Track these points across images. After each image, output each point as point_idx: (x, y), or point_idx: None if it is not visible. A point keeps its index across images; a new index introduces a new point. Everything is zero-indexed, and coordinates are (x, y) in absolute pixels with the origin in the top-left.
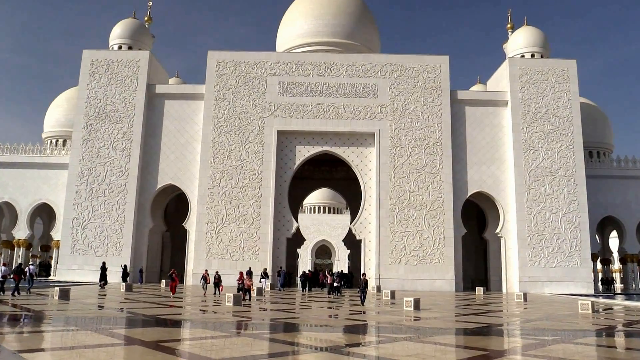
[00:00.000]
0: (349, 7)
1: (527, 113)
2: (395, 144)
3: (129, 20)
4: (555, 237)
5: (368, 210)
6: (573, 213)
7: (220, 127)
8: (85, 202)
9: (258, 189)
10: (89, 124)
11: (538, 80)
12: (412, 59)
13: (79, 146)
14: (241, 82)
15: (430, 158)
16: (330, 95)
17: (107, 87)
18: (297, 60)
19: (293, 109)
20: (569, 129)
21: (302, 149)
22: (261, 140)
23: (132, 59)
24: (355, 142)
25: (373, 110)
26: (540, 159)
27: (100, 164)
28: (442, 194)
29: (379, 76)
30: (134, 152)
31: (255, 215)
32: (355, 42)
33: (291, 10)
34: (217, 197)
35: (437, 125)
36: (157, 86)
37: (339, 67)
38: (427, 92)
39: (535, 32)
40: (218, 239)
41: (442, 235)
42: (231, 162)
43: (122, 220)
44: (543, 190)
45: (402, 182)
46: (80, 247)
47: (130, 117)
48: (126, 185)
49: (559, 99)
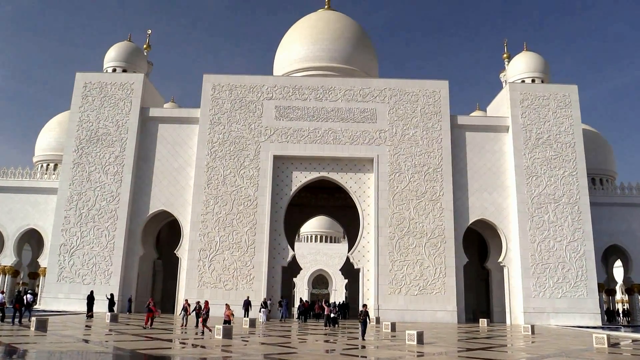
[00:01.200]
0: (346, 32)
1: (528, 139)
2: (394, 169)
3: (124, 43)
4: (560, 267)
5: (366, 238)
6: (578, 241)
7: (215, 151)
8: (73, 228)
9: (253, 215)
10: (80, 147)
11: (539, 106)
12: (411, 83)
13: (69, 170)
14: (237, 106)
15: (430, 184)
16: (328, 120)
17: (99, 110)
18: (294, 84)
19: (290, 133)
20: (571, 155)
21: (299, 174)
22: (257, 166)
23: (126, 81)
24: (354, 168)
25: (371, 135)
26: (543, 185)
27: (90, 189)
28: (442, 221)
29: (377, 101)
30: (126, 176)
31: (250, 242)
32: (353, 67)
33: (288, 35)
34: (210, 224)
35: (437, 150)
36: (151, 109)
37: (336, 92)
38: (427, 117)
39: (535, 57)
40: (211, 267)
41: (443, 264)
42: (225, 187)
43: (112, 247)
44: (546, 217)
45: (401, 209)
46: (67, 275)
47: (122, 140)
48: (117, 210)
49: (561, 124)
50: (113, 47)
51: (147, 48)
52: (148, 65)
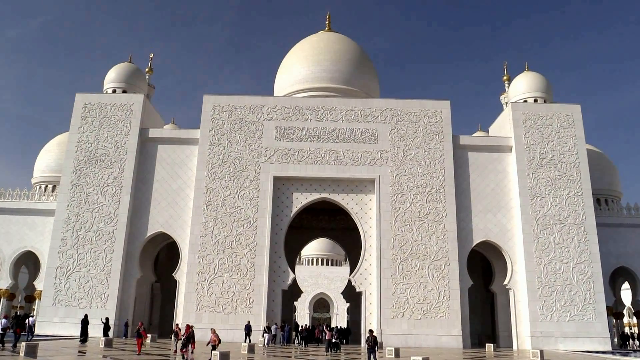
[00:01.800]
0: (347, 53)
1: (532, 159)
2: (396, 190)
3: (125, 65)
4: (568, 289)
5: (368, 261)
6: (585, 263)
7: (215, 172)
8: (70, 250)
9: (253, 237)
10: (78, 168)
11: (542, 125)
12: (412, 103)
13: (67, 191)
14: (237, 127)
15: (433, 205)
16: (329, 141)
17: (99, 130)
18: (295, 104)
19: (290, 154)
20: (576, 175)
21: (300, 195)
22: (257, 187)
23: (126, 102)
24: (355, 189)
25: (373, 155)
26: (547, 206)
27: (88, 210)
28: (446, 243)
29: (378, 121)
30: (124, 198)
31: (250, 265)
32: (354, 88)
33: (289, 56)
34: (209, 246)
35: (439, 171)
36: (151, 130)
37: (337, 112)
38: (429, 138)
39: (537, 77)
40: (209, 290)
41: (447, 287)
42: (225, 209)
43: (109, 270)
44: (552, 239)
45: (404, 231)
46: (62, 298)
47: (121, 161)
48: (114, 232)
49: (565, 144)
50: (113, 68)
51: (149, 71)
52: (150, 88)
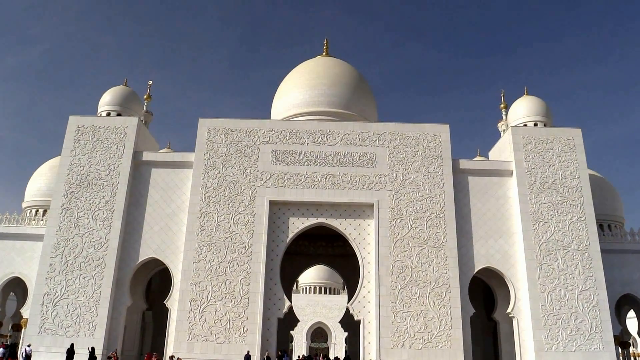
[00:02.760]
0: (345, 77)
1: (533, 183)
2: (395, 215)
3: (120, 88)
4: (573, 318)
5: (367, 288)
6: (590, 290)
7: (209, 196)
8: (58, 276)
9: (247, 263)
10: (69, 192)
11: (543, 149)
12: (411, 127)
13: (57, 215)
14: (232, 150)
15: (433, 231)
16: (326, 165)
17: (91, 153)
18: (292, 128)
19: (287, 178)
20: (578, 200)
21: (296, 220)
22: (252, 211)
23: (120, 125)
24: (353, 214)
25: (371, 180)
26: (550, 231)
27: (78, 235)
28: (447, 269)
29: (377, 145)
30: (115, 222)
31: (244, 292)
32: (352, 112)
33: (286, 81)
34: (202, 272)
35: (439, 195)
36: (144, 153)
37: (335, 136)
38: (428, 162)
39: (537, 101)
40: (202, 318)
41: (448, 315)
42: (219, 234)
43: (98, 297)
44: (556, 265)
45: (403, 257)
46: (49, 327)
47: (113, 185)
48: (105, 258)
49: (566, 168)
50: (108, 91)
51: (147, 98)
52: (147, 115)
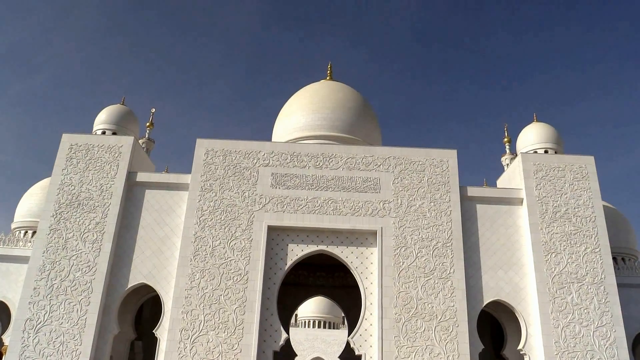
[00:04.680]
0: (348, 101)
1: (545, 212)
2: (399, 243)
3: (117, 106)
4: (589, 355)
5: (369, 320)
6: (606, 327)
7: (205, 220)
8: (42, 301)
9: (243, 291)
10: (59, 212)
11: (554, 177)
12: (416, 152)
13: (45, 236)
14: (230, 173)
15: (439, 260)
16: (328, 189)
17: (83, 173)
18: (293, 150)
19: (286, 202)
20: (592, 230)
21: (295, 247)
22: (249, 237)
23: (115, 144)
24: (355, 242)
25: (375, 206)
26: (563, 263)
27: (65, 257)
28: (454, 302)
29: (381, 169)
30: (105, 245)
31: (238, 322)
32: (355, 137)
33: (289, 104)
34: (194, 300)
35: (446, 224)
36: (139, 174)
37: (337, 159)
38: (434, 188)
39: (547, 127)
40: (193, 349)
41: (455, 351)
42: (214, 259)
43: (83, 324)
44: (570, 299)
45: (408, 288)
46: (30, 355)
47: (105, 206)
48: (92, 282)
49: (579, 197)
50: (104, 109)
51: (149, 126)
52: (149, 143)
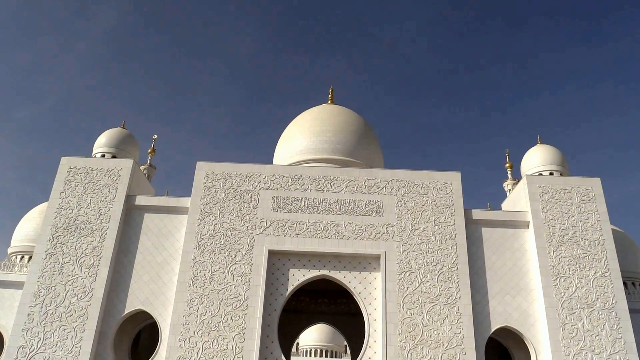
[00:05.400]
0: (350, 125)
1: (552, 235)
2: (404, 268)
3: (117, 130)
4: None
5: (373, 348)
6: (619, 354)
7: (204, 244)
8: (36, 328)
9: (242, 318)
10: (55, 236)
11: (561, 200)
12: (420, 175)
13: (41, 261)
14: (231, 196)
15: (445, 285)
16: (330, 212)
17: (82, 196)
18: (294, 173)
19: (287, 226)
20: (601, 254)
21: (297, 272)
22: (249, 261)
23: (114, 167)
24: (358, 266)
25: (378, 229)
26: (573, 288)
27: (61, 282)
28: (461, 328)
29: (384, 192)
30: (102, 270)
31: (238, 350)
32: (357, 160)
33: (290, 128)
34: (193, 327)
35: (451, 247)
36: (137, 197)
37: (339, 182)
38: (439, 211)
39: (551, 149)
40: None
41: None
42: (213, 285)
43: (77, 352)
44: (580, 325)
45: (413, 314)
46: None
47: (102, 230)
48: (88, 309)
49: (587, 219)
50: (104, 133)
51: (151, 152)
52: (150, 169)
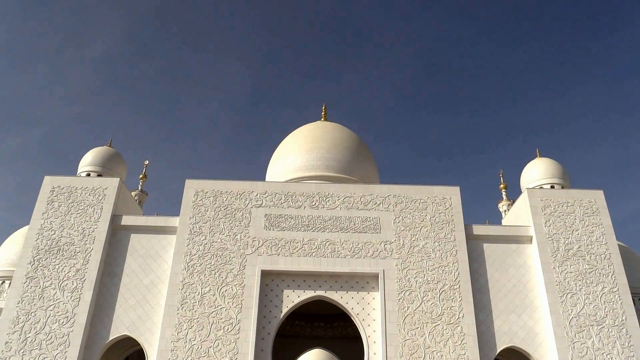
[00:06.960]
0: (344, 141)
1: (556, 250)
2: (403, 287)
3: (103, 148)
4: None
5: None
6: None
7: (193, 265)
8: (14, 357)
9: (234, 343)
10: (37, 258)
11: (564, 213)
12: (417, 190)
13: (20, 285)
14: (221, 214)
15: (447, 304)
16: (325, 230)
17: (65, 216)
18: (287, 190)
19: (281, 245)
20: (608, 268)
21: (291, 293)
22: (241, 282)
23: (99, 186)
24: (355, 286)
25: (376, 247)
26: (580, 304)
27: (41, 308)
28: (465, 350)
29: (381, 208)
30: (86, 294)
31: None
32: (352, 176)
33: (283, 145)
34: (181, 353)
35: (452, 264)
36: (124, 217)
37: (334, 198)
38: (438, 227)
39: (552, 162)
40: None
41: None
42: (203, 308)
43: None
44: (590, 343)
45: (414, 335)
46: None
47: (86, 251)
48: (69, 335)
49: (591, 233)
50: (90, 151)
51: (142, 178)
52: (142, 195)
